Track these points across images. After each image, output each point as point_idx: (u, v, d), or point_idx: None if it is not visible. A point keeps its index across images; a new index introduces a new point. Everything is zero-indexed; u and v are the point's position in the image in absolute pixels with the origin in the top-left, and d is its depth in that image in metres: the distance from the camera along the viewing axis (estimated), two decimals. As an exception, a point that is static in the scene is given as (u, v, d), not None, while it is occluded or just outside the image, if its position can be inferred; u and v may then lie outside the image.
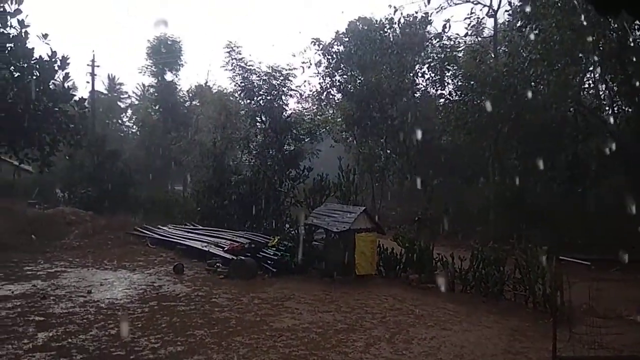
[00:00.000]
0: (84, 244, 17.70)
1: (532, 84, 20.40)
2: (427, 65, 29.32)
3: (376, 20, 32.18)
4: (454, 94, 25.97)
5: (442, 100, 27.80)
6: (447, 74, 27.88)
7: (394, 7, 30.62)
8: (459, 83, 25.29)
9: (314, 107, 33.65)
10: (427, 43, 30.35)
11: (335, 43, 32.84)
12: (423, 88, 30.76)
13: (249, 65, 22.77)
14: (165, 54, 37.63)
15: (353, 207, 14.18)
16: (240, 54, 22.86)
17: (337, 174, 17.71)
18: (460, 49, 29.72)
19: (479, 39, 30.31)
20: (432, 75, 29.22)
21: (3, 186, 26.39)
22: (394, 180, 30.78)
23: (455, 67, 26.36)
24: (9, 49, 11.93)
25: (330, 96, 34.28)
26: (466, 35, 30.46)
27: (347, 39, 32.48)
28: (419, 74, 30.11)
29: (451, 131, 25.13)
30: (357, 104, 29.17)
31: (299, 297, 10.84)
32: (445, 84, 28.54)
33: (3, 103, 11.94)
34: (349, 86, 30.64)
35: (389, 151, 29.36)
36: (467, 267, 11.92)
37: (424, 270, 12.76)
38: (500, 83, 20.63)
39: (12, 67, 12.20)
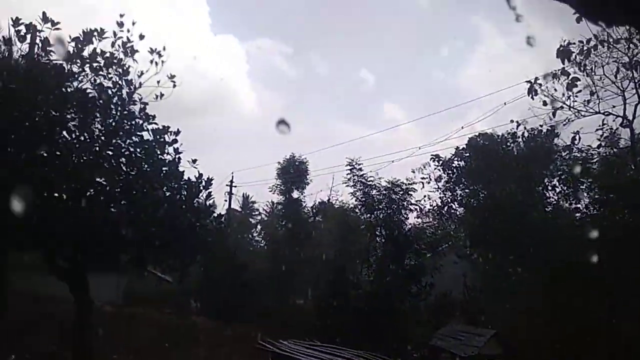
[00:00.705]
0: (210, 354, 18.32)
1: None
2: (557, 178, 27.81)
3: (497, 136, 31.85)
4: (591, 208, 23.96)
5: (578, 214, 25.73)
6: (581, 187, 26.05)
7: (517, 122, 30.18)
8: (596, 196, 23.38)
9: (435, 222, 33.07)
10: (556, 155, 29.07)
11: (456, 158, 32.85)
12: (554, 202, 28.90)
13: (369, 181, 23.62)
14: (293, 174, 40.54)
15: (481, 329, 13.12)
16: (361, 170, 23.95)
17: (462, 292, 16.73)
18: (593, 160, 27.90)
19: (614, 150, 28.32)
20: (564, 188, 27.50)
21: (145, 295, 28.93)
22: (527, 301, 27.98)
23: (590, 180, 24.59)
24: (164, 172, 13.87)
25: (452, 210, 33.54)
26: (599, 146, 28.68)
27: (467, 154, 32.36)
28: (549, 187, 28.55)
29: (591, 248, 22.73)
30: (481, 218, 28.10)
31: None
32: (580, 197, 26.57)
33: (153, 220, 13.59)
34: (472, 200, 29.86)
35: (519, 269, 27.17)
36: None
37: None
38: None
39: (165, 188, 14.07)
